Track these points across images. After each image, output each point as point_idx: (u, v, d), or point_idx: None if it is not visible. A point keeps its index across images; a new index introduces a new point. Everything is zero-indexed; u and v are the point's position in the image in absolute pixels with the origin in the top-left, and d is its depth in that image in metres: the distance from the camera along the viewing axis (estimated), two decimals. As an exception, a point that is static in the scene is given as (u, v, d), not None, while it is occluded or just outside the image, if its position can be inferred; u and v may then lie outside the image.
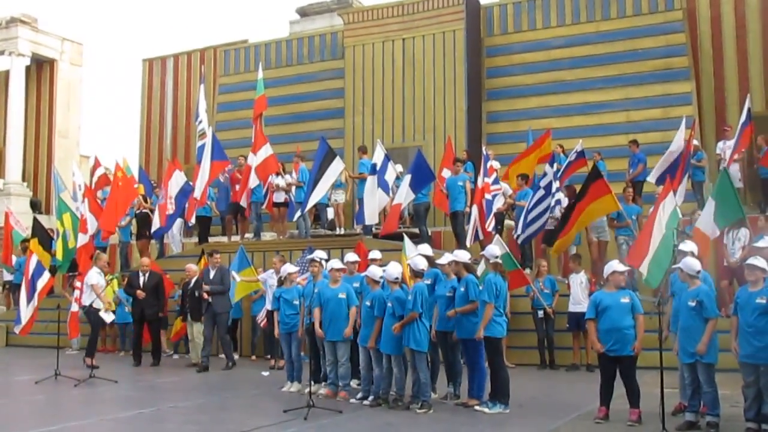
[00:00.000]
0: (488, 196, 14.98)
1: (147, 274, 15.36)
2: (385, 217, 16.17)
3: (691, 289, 8.26)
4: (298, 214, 16.70)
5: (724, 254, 13.41)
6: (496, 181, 15.26)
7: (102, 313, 14.10)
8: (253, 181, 16.53)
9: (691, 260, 8.43)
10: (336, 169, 15.61)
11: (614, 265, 8.87)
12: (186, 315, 15.38)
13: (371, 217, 15.49)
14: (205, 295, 14.19)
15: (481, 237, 14.78)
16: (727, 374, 8.75)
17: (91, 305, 14.09)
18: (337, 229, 18.54)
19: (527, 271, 14.07)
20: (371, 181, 15.51)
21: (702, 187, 16.45)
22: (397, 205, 15.36)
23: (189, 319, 15.23)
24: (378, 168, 15.61)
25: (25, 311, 14.58)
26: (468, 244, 14.54)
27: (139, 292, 15.07)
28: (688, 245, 9.18)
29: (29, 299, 14.55)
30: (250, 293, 15.56)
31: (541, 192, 14.38)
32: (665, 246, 10.64)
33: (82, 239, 17.10)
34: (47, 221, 24.07)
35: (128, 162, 19.81)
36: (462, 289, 9.77)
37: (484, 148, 16.10)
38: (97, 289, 14.15)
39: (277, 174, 17.37)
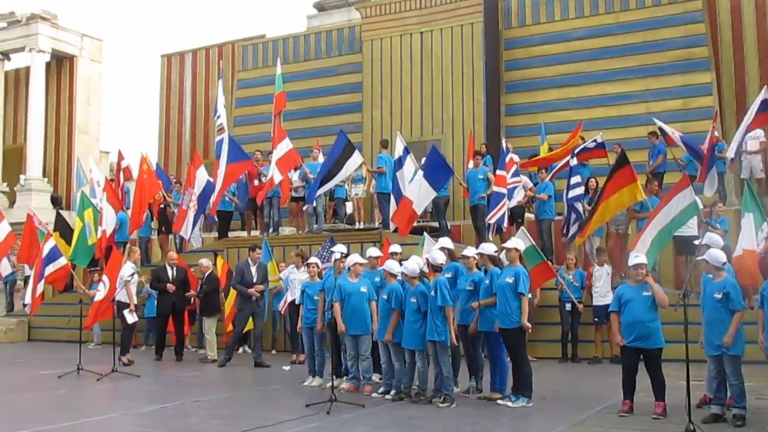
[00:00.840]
0: (498, 189, 14.91)
1: (175, 268, 15.40)
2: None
3: (717, 281, 8.20)
4: (315, 202, 16.62)
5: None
6: (516, 174, 15.20)
7: (126, 313, 14.15)
8: (277, 177, 16.33)
9: (717, 252, 8.36)
10: (354, 162, 15.58)
11: (631, 259, 8.84)
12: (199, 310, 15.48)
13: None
14: (255, 293, 14.09)
15: (504, 229, 14.77)
16: (753, 366, 8.70)
17: (120, 300, 14.15)
18: (357, 223, 18.54)
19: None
20: (401, 175, 15.35)
21: (723, 178, 16.31)
22: (409, 203, 15.04)
23: (202, 315, 15.29)
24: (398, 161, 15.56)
25: (30, 289, 14.71)
26: (490, 236, 14.52)
27: (169, 285, 15.11)
28: (711, 238, 9.10)
29: (37, 280, 14.60)
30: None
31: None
32: (665, 234, 10.57)
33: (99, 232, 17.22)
34: (68, 216, 24.24)
35: (149, 157, 19.92)
36: (487, 282, 9.73)
37: (503, 141, 16.01)
38: (129, 285, 14.24)
39: (296, 169, 17.36)
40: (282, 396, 10.84)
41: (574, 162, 14.70)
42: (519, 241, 10.06)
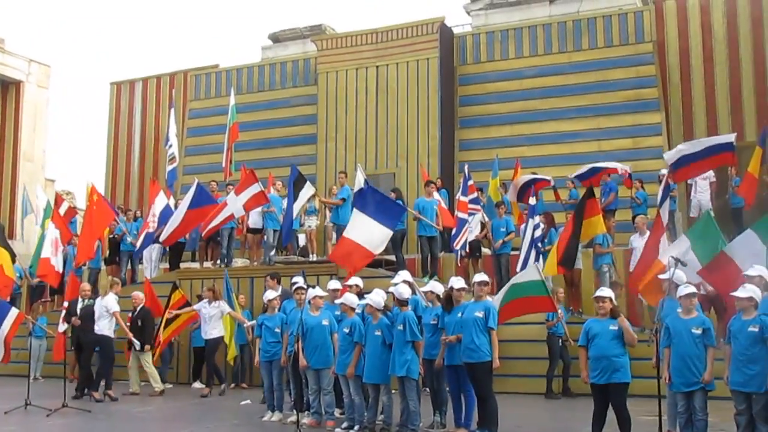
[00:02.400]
0: (461, 215, 14.99)
1: (86, 301, 14.62)
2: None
3: (693, 317, 8.31)
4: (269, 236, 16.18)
5: (701, 283, 13.43)
6: (476, 201, 15.26)
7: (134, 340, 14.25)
8: (239, 212, 16.02)
9: (692, 287, 8.51)
10: (306, 194, 15.32)
11: (596, 292, 8.88)
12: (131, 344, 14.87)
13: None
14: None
15: (464, 254, 14.83)
16: (715, 402, 8.77)
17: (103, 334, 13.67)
18: (310, 255, 18.39)
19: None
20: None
21: (673, 216, 16.61)
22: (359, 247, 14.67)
23: (134, 348, 14.75)
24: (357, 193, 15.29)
25: None
26: (458, 263, 14.61)
27: (74, 319, 14.18)
28: (677, 275, 9.23)
29: None
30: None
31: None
32: None
33: (55, 261, 16.81)
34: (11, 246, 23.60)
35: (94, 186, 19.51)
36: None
37: (465, 167, 15.98)
38: (118, 315, 13.97)
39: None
40: (243, 432, 10.62)
41: (533, 201, 14.84)
42: (483, 276, 10.05)
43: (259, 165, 20.87)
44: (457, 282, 9.78)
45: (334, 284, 11.61)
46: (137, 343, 14.37)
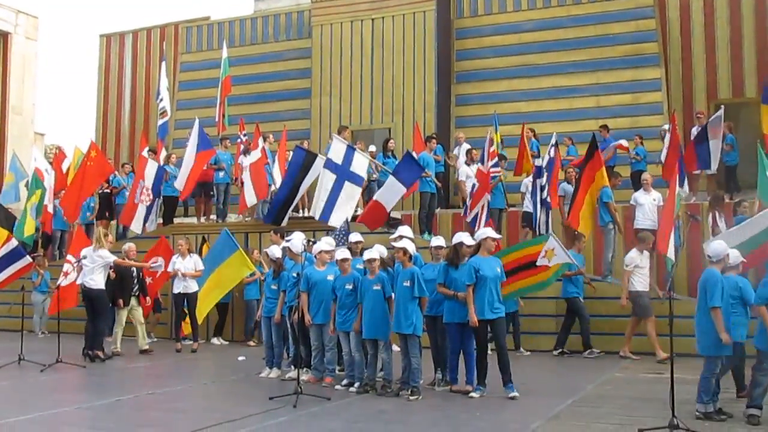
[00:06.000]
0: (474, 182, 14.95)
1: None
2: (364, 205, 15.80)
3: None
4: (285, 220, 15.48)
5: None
6: (495, 165, 15.04)
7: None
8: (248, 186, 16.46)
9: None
10: (318, 166, 14.81)
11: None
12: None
13: (337, 220, 14.35)
14: None
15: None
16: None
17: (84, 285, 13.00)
18: (300, 211, 18.13)
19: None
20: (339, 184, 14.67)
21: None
22: (380, 206, 14.47)
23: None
24: (341, 162, 14.57)
25: None
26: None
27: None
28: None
29: None
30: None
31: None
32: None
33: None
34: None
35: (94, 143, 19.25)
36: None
37: (489, 132, 15.63)
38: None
39: (246, 153, 16.93)
40: (241, 388, 10.45)
41: (539, 162, 14.68)
42: (489, 230, 9.96)
43: (252, 119, 20.53)
44: (467, 238, 9.66)
45: (356, 237, 11.33)
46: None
